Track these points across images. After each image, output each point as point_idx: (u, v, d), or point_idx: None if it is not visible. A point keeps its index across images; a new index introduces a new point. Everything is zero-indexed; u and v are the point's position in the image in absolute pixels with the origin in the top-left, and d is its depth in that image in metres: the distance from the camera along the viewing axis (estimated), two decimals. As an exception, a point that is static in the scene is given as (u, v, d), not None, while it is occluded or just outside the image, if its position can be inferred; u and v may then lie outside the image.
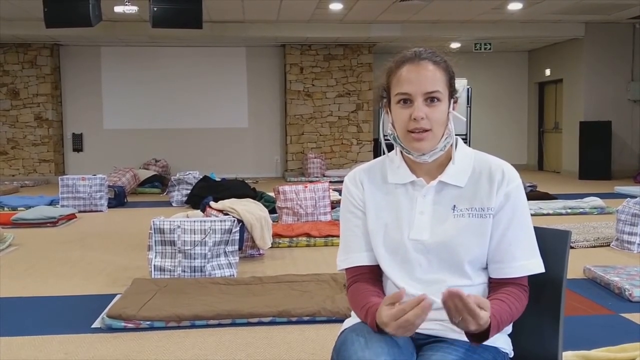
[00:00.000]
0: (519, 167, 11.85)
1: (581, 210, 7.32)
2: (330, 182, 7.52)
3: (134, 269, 4.63)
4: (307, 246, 5.54)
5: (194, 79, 13.14)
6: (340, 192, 1.90)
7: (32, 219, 6.70)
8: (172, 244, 4.16)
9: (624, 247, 5.19)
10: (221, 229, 4.23)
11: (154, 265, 4.16)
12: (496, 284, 1.54)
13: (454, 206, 1.53)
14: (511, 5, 9.88)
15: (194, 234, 4.17)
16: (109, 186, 8.54)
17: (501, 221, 1.51)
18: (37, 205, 7.70)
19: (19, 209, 7.81)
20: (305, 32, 11.72)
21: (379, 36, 11.87)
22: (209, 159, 13.07)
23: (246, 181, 9.30)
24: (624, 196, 7.89)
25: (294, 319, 3.36)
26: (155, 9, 7.54)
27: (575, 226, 6.10)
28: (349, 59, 13.05)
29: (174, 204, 8.49)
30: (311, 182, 8.00)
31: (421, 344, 1.51)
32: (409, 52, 1.54)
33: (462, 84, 11.54)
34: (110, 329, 3.27)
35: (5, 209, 7.92)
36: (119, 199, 8.58)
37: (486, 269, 1.56)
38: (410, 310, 1.31)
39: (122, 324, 3.27)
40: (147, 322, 3.28)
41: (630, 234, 5.14)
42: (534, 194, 8.25)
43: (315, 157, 12.58)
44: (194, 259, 4.15)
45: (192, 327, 3.30)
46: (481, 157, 1.58)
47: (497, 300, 1.46)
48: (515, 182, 1.54)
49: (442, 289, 1.50)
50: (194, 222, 4.22)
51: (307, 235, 5.62)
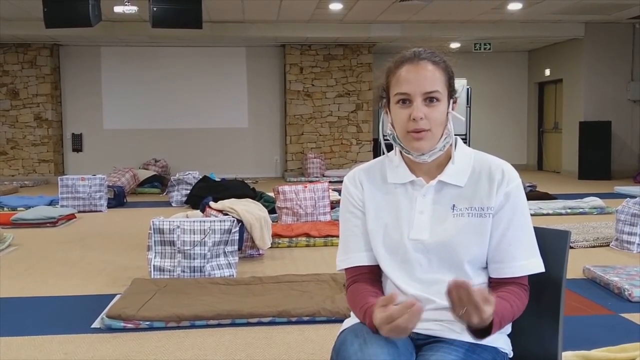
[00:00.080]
0: (519, 167, 11.85)
1: (581, 210, 7.32)
2: (329, 182, 7.52)
3: (134, 269, 4.63)
4: (307, 246, 5.54)
5: (194, 79, 13.14)
6: (339, 192, 1.90)
7: (31, 219, 6.70)
8: (172, 244, 4.17)
9: (623, 247, 5.19)
10: (221, 229, 4.23)
11: (154, 265, 4.16)
12: (496, 284, 1.54)
13: (454, 206, 1.53)
14: (511, 5, 9.87)
15: (194, 234, 4.17)
16: (109, 186, 8.54)
17: (501, 221, 1.51)
18: (37, 205, 7.70)
19: (18, 209, 7.80)
20: (305, 32, 11.72)
21: (379, 36, 11.86)
22: (208, 159, 13.07)
23: (246, 181, 9.30)
24: (623, 196, 7.89)
25: (293, 319, 3.36)
26: (155, 9, 7.54)
27: (575, 226, 6.10)
28: (348, 59, 13.05)
29: (173, 204, 8.49)
30: (311, 182, 8.00)
31: (420, 344, 1.51)
32: (408, 52, 1.55)
33: (461, 84, 11.54)
34: (109, 329, 3.27)
35: (4, 209, 7.92)
36: (118, 199, 8.58)
37: (486, 268, 1.56)
38: (399, 315, 1.31)
39: (122, 324, 3.27)
40: (147, 322, 3.28)
41: (629, 234, 5.14)
42: (533, 194, 8.24)
43: (315, 157, 12.58)
44: (194, 259, 4.15)
45: (192, 327, 3.30)
46: (481, 157, 1.58)
47: (498, 298, 1.46)
48: (515, 181, 1.54)
49: (442, 289, 1.49)
50: (194, 222, 4.22)
51: (307, 235, 5.62)
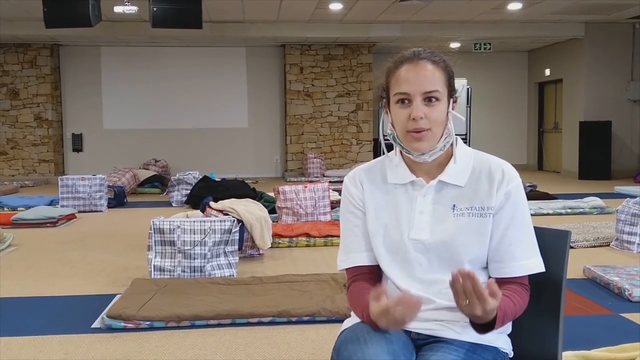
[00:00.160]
0: (519, 167, 11.84)
1: (581, 210, 7.32)
2: (330, 182, 7.52)
3: (134, 269, 4.63)
4: (307, 246, 5.54)
5: (194, 79, 13.14)
6: (340, 192, 1.90)
7: (31, 219, 6.70)
8: (172, 244, 4.17)
9: (623, 247, 5.19)
10: (221, 229, 4.23)
11: (154, 265, 4.16)
12: (497, 284, 1.53)
13: (454, 206, 1.53)
14: (511, 5, 9.88)
15: (194, 234, 4.17)
16: (109, 186, 8.54)
17: (501, 220, 1.51)
18: (37, 205, 7.70)
19: (18, 209, 7.80)
20: (305, 32, 11.72)
21: (379, 36, 11.87)
22: (208, 159, 13.08)
23: (246, 181, 9.30)
24: (623, 196, 7.89)
25: (293, 319, 3.36)
26: (155, 9, 7.54)
27: (575, 226, 6.10)
28: (348, 59, 13.05)
29: (173, 204, 8.49)
30: (311, 182, 8.00)
31: (421, 344, 1.51)
32: (408, 52, 1.55)
33: (461, 83, 11.54)
34: (110, 329, 3.27)
35: (5, 209, 7.92)
36: (118, 199, 8.58)
37: (486, 268, 1.56)
38: (393, 306, 1.32)
39: (122, 324, 3.27)
40: (147, 322, 3.28)
41: (630, 233, 5.14)
42: (533, 194, 8.24)
43: (315, 157, 12.58)
44: (194, 259, 4.15)
45: (192, 327, 3.30)
46: (481, 157, 1.58)
47: (502, 295, 1.45)
48: (515, 181, 1.54)
49: (442, 289, 1.50)
50: (194, 222, 4.22)
51: (307, 235, 5.62)
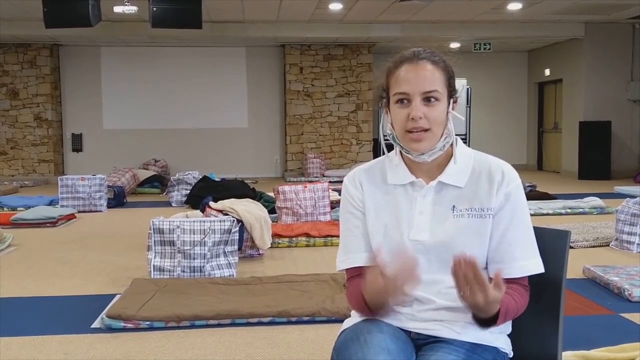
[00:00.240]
0: (519, 167, 11.85)
1: (581, 210, 7.32)
2: (329, 182, 7.51)
3: (134, 269, 4.63)
4: (307, 246, 5.54)
5: (194, 79, 13.14)
6: (339, 192, 1.90)
7: (31, 219, 6.70)
8: (172, 244, 4.16)
9: (623, 247, 5.19)
10: (220, 229, 4.23)
11: (154, 265, 4.16)
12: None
13: (454, 206, 1.53)
14: (511, 5, 9.88)
15: (194, 234, 4.17)
16: (109, 186, 8.54)
17: (501, 221, 1.51)
18: (37, 205, 7.70)
19: (18, 209, 7.80)
20: (305, 32, 11.71)
21: (379, 36, 11.87)
22: (208, 159, 13.07)
23: (246, 181, 9.30)
24: (623, 196, 7.89)
25: (293, 319, 3.36)
26: (154, 9, 7.54)
27: (574, 226, 6.10)
28: (348, 59, 13.05)
29: (173, 204, 8.49)
30: (311, 182, 8.00)
31: (421, 344, 1.51)
32: (408, 52, 1.55)
33: (461, 83, 11.54)
34: (109, 329, 3.27)
35: (4, 209, 7.92)
36: (118, 199, 8.58)
37: (486, 269, 1.56)
38: (391, 276, 1.35)
39: (122, 324, 3.27)
40: (147, 322, 3.28)
41: (629, 233, 5.14)
42: (533, 194, 8.24)
43: (314, 157, 12.58)
44: (194, 259, 4.15)
45: (192, 327, 3.30)
46: (481, 157, 1.58)
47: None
48: (515, 182, 1.54)
49: (442, 290, 1.50)
50: (194, 222, 4.22)
51: (307, 235, 5.62)
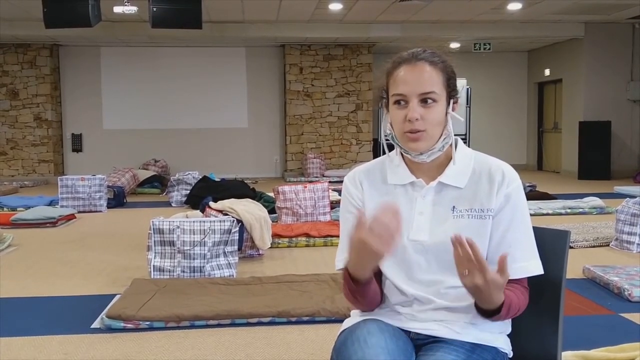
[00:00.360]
0: (519, 167, 11.87)
1: (581, 210, 7.32)
2: (329, 182, 7.51)
3: (134, 269, 4.63)
4: (307, 246, 5.54)
5: (193, 79, 13.14)
6: (339, 192, 1.90)
7: (31, 219, 6.70)
8: (172, 244, 4.17)
9: (623, 247, 5.19)
10: (220, 229, 4.23)
11: (154, 265, 4.16)
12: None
13: (454, 207, 1.53)
14: (511, 5, 9.88)
15: (194, 234, 4.17)
16: (109, 186, 8.54)
17: (501, 222, 1.51)
18: (37, 205, 7.70)
19: (18, 209, 7.80)
20: (304, 32, 11.71)
21: (379, 36, 11.86)
22: (208, 159, 13.07)
23: (245, 181, 9.30)
24: (623, 196, 7.89)
25: (293, 319, 3.36)
26: (154, 9, 7.54)
27: (574, 226, 6.10)
28: (348, 59, 13.05)
29: (173, 204, 8.49)
30: (311, 182, 8.00)
31: (420, 344, 1.51)
32: (407, 52, 1.54)
33: (461, 84, 11.52)
34: (109, 329, 3.27)
35: (4, 209, 7.91)
36: (118, 200, 8.58)
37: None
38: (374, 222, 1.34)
39: (122, 324, 3.27)
40: (147, 323, 3.28)
41: (629, 233, 5.15)
42: (533, 194, 8.24)
43: (314, 157, 12.58)
44: (194, 259, 4.15)
45: (192, 327, 3.30)
46: (481, 158, 1.58)
47: (505, 289, 1.46)
48: (515, 183, 1.54)
49: (442, 290, 1.50)
50: (194, 222, 4.22)
51: (307, 235, 5.62)
